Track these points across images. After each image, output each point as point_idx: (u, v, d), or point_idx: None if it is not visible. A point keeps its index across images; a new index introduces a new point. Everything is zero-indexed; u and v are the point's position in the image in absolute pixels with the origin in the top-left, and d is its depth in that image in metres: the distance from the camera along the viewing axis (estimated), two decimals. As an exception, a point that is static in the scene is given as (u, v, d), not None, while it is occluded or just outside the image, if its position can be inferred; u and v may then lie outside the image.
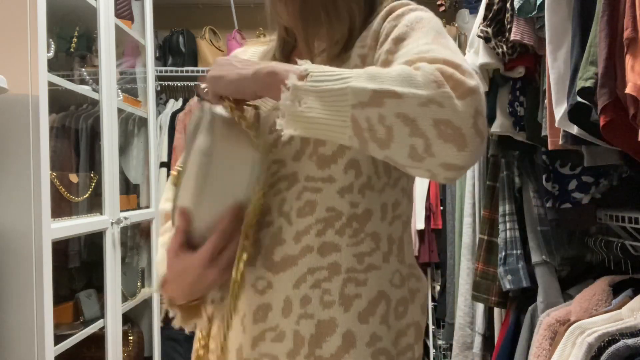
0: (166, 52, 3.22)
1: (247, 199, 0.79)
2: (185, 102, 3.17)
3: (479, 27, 1.68)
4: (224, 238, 0.78)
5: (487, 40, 1.64)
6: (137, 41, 2.54)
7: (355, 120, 0.63)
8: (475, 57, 1.73)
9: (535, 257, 1.81)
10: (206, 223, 0.79)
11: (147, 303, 2.52)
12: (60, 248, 2.09)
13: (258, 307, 0.80)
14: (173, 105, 3.17)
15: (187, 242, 0.80)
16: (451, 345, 2.52)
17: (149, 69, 2.61)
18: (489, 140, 2.06)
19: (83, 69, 2.14)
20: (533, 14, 1.46)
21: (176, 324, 0.87)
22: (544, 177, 1.67)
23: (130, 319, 2.45)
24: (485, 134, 0.65)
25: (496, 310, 2.12)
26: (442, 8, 3.01)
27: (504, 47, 1.61)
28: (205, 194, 0.78)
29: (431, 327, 2.97)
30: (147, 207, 2.57)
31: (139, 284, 2.50)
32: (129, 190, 2.51)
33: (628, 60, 0.98)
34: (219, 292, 0.84)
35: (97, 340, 2.01)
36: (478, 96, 0.64)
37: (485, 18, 1.66)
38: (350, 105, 0.63)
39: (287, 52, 0.94)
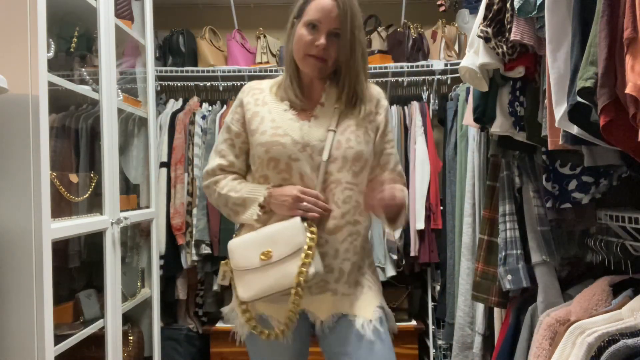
0: (166, 52, 3.21)
1: None
2: (185, 102, 3.16)
3: (479, 27, 1.68)
4: None
5: (487, 40, 1.64)
6: (137, 41, 2.53)
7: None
8: (475, 57, 1.73)
9: (535, 257, 1.81)
10: None
11: (147, 303, 2.52)
12: (60, 248, 2.09)
13: (321, 254, 1.41)
14: (173, 105, 3.16)
15: None
16: (451, 345, 2.52)
17: (149, 69, 2.61)
18: (489, 140, 2.07)
19: (83, 69, 2.13)
20: (533, 14, 1.46)
21: None
22: (544, 177, 1.67)
23: (130, 319, 2.45)
24: None
25: (496, 310, 2.12)
26: (442, 8, 3.00)
27: (504, 47, 1.61)
28: None
29: (431, 327, 2.96)
30: (147, 207, 2.57)
31: (139, 284, 2.50)
32: (129, 190, 2.50)
33: (628, 60, 0.98)
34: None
35: (97, 340, 2.01)
36: None
37: (485, 18, 1.66)
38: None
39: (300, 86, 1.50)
